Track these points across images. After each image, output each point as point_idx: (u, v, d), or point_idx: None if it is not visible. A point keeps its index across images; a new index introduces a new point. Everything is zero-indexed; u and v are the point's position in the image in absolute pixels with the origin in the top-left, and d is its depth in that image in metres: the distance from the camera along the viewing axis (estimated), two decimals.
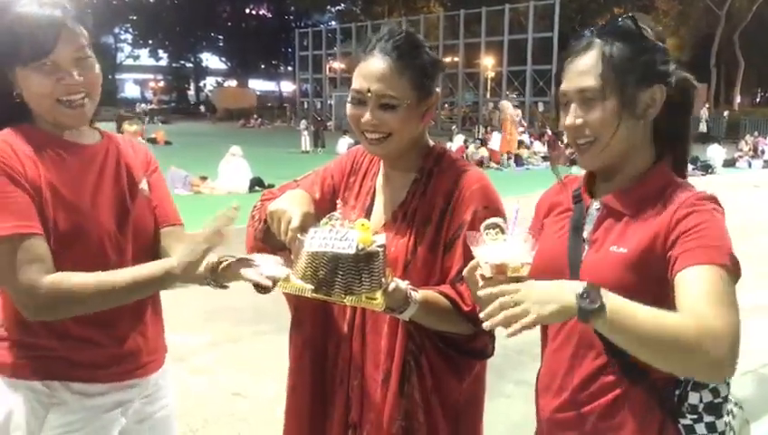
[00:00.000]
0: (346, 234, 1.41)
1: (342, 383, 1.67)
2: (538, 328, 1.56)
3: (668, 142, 1.46)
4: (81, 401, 1.59)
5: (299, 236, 1.48)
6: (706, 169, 16.72)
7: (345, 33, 41.92)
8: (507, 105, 19.74)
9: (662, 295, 1.27)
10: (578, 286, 1.18)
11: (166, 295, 1.77)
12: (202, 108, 56.79)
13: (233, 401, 3.99)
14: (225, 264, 1.62)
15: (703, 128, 28.67)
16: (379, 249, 1.42)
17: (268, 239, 1.68)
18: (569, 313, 1.17)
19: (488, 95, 36.86)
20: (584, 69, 1.39)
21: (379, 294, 1.41)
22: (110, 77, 58.14)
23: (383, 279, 1.42)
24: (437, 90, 1.67)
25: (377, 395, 1.63)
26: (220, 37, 63.48)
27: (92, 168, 1.61)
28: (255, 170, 12.89)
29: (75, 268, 1.50)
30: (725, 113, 33.92)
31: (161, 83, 65.28)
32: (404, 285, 1.47)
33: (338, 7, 57.18)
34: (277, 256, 1.60)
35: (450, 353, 1.64)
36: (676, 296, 1.24)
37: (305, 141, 22.79)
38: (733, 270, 1.25)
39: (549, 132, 22.07)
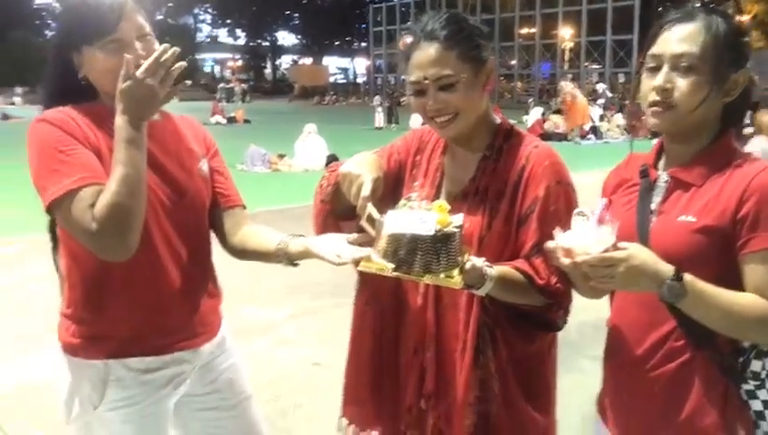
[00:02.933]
0: (424, 216, 1.47)
1: (417, 354, 1.73)
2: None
3: (732, 119, 1.50)
4: (136, 378, 1.70)
5: (378, 217, 1.54)
6: None
7: (419, 6, 41.52)
8: (564, 85, 19.40)
9: (728, 264, 1.37)
10: (666, 273, 1.30)
11: (249, 273, 1.87)
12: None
13: (314, 371, 4.16)
14: (296, 241, 1.71)
15: None
16: (456, 230, 1.47)
17: (336, 201, 1.73)
18: (652, 292, 1.33)
19: (566, 67, 35.93)
20: (686, 36, 1.43)
21: (456, 273, 1.46)
22: (189, 57, 59.95)
23: (460, 258, 1.47)
24: (491, 57, 1.69)
25: (453, 366, 1.68)
26: (296, 15, 64.11)
27: (152, 143, 1.63)
28: (330, 147, 13.04)
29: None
30: None
31: (239, 62, 66.60)
32: (480, 262, 1.52)
33: None
34: (343, 232, 1.66)
35: (524, 325, 1.69)
36: (746, 274, 1.36)
37: (379, 118, 22.90)
38: None
39: (628, 104, 21.41)
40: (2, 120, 25.33)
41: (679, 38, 1.43)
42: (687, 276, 1.31)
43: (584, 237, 1.32)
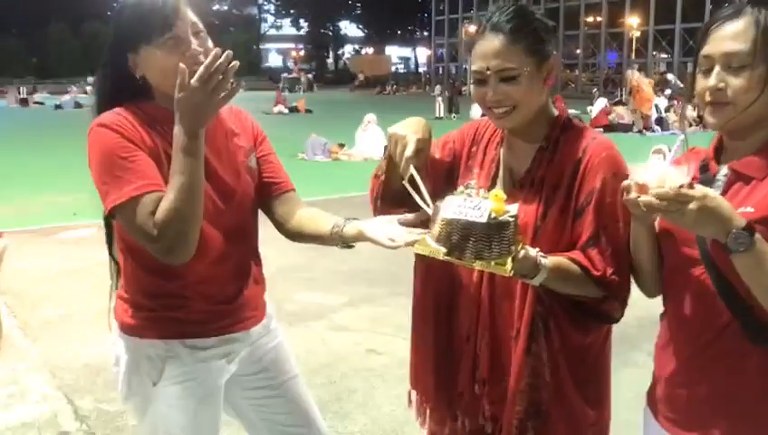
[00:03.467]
0: (479, 203, 1.48)
1: (469, 341, 1.76)
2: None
3: None
4: (192, 355, 1.78)
5: (419, 179, 1.59)
6: None
7: None
8: (630, 73, 18.92)
9: None
10: (738, 222, 1.28)
11: (306, 259, 1.93)
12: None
13: (368, 357, 4.21)
14: (350, 224, 1.75)
15: None
16: (511, 219, 1.48)
17: (390, 172, 1.75)
18: (718, 240, 1.31)
19: (633, 56, 35.01)
20: (734, 34, 1.40)
21: (507, 261, 1.47)
22: (254, 48, 60.98)
23: (513, 247, 1.48)
24: (554, 53, 1.69)
25: (507, 353, 1.70)
26: (358, 5, 64.45)
27: (205, 143, 1.64)
28: None
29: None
30: None
31: (302, 52, 67.36)
32: (534, 252, 1.52)
33: None
34: (395, 214, 1.69)
35: (579, 316, 1.69)
36: None
37: (439, 107, 22.86)
38: None
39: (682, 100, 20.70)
40: (75, 108, 26.33)
41: (728, 36, 1.41)
42: (758, 235, 1.29)
43: (660, 173, 1.31)
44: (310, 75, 49.68)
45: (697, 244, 1.43)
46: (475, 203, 1.48)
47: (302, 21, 64.71)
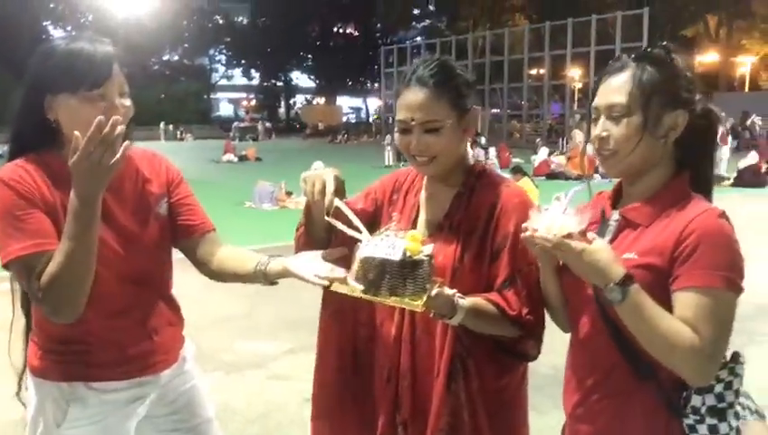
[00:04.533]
0: (395, 242, 1.56)
1: (390, 382, 1.78)
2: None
3: (691, 162, 1.57)
4: (98, 397, 1.79)
5: (345, 209, 1.64)
6: None
7: (430, 48, 42.04)
8: (576, 134, 19.60)
9: (666, 300, 1.42)
10: (615, 276, 1.38)
11: (246, 308, 1.97)
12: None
13: (306, 407, 4.11)
14: (275, 261, 1.78)
15: None
16: (425, 258, 1.55)
17: (309, 228, 1.81)
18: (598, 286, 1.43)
19: (575, 107, 36.18)
20: (616, 87, 1.52)
21: (422, 297, 1.53)
22: (205, 97, 60.94)
23: (428, 285, 1.54)
24: (474, 106, 1.78)
25: (428, 393, 1.73)
26: (309, 56, 65.15)
27: (107, 193, 1.64)
28: None
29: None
30: None
31: (253, 102, 67.57)
32: (450, 292, 1.59)
33: (423, 23, 57.75)
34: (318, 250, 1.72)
35: (498, 355, 1.75)
36: (675, 309, 1.41)
37: (388, 156, 23.11)
38: (731, 289, 1.41)
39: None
40: None
41: (611, 90, 1.53)
42: (635, 286, 1.38)
43: (551, 220, 1.42)
44: (268, 124, 49.84)
45: (592, 284, 1.50)
46: (390, 242, 1.55)
47: (253, 71, 65.09)
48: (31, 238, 1.62)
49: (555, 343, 1.72)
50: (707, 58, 39.96)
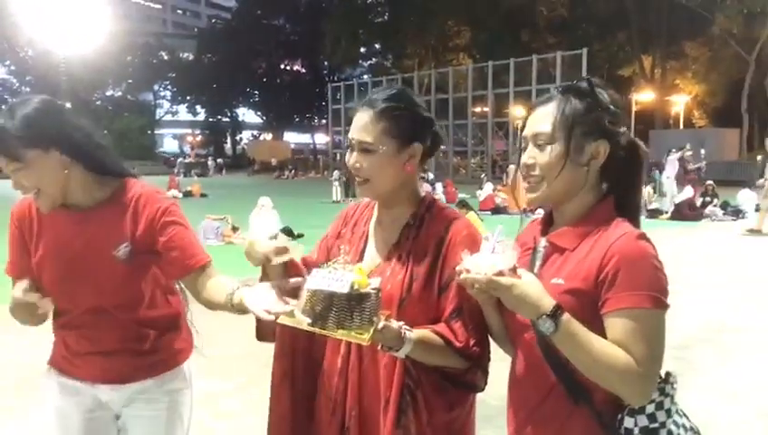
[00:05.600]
0: (342, 275, 1.57)
1: (335, 414, 1.80)
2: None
3: (617, 189, 1.64)
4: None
5: (305, 276, 1.66)
6: (737, 213, 16.54)
7: (377, 85, 42.18)
8: (511, 169, 20.09)
9: (595, 325, 1.47)
10: (545, 308, 1.42)
11: (197, 341, 2.05)
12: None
13: None
14: (237, 292, 1.83)
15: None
16: (372, 291, 1.56)
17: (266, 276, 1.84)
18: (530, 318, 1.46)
19: (518, 143, 36.84)
20: (541, 117, 1.60)
21: (370, 330, 1.54)
22: (149, 132, 60.04)
23: (375, 318, 1.56)
24: (420, 144, 1.81)
25: (377, 424, 1.74)
26: (256, 92, 65.03)
27: (80, 231, 2.01)
28: (287, 220, 13.11)
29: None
30: (759, 158, 33.46)
31: (199, 137, 66.92)
32: (397, 325, 1.62)
33: (369, 62, 58.41)
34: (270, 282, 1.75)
35: (446, 386, 1.76)
36: (607, 331, 1.47)
37: (336, 191, 23.17)
38: (657, 306, 1.46)
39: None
40: None
41: (537, 119, 1.61)
42: (565, 316, 1.42)
43: (480, 260, 1.46)
44: (219, 160, 49.49)
45: None
46: (338, 275, 1.57)
47: (198, 107, 64.58)
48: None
49: (503, 374, 1.76)
50: (643, 97, 41.57)
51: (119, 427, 2.16)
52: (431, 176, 27.62)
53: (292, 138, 70.60)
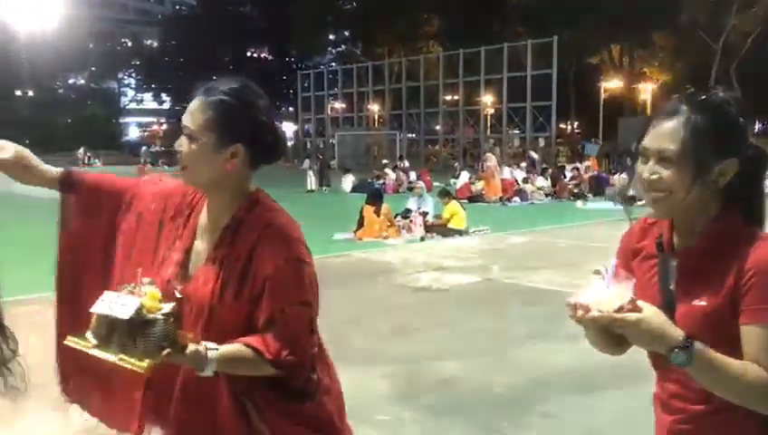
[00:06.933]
0: (128, 300, 1.52)
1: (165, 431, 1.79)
2: (560, 362, 1.59)
3: (740, 196, 1.55)
4: None
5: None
6: None
7: (346, 73, 42.49)
8: (491, 157, 20.28)
9: (732, 336, 1.43)
10: (675, 340, 1.36)
11: None
12: None
13: None
14: None
15: None
16: (160, 317, 1.52)
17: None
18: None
19: (489, 132, 37.19)
20: (668, 132, 1.49)
21: (152, 357, 1.50)
22: (113, 121, 59.14)
23: (165, 343, 1.51)
24: (244, 146, 1.69)
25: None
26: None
27: None
28: None
29: None
30: None
31: (164, 126, 65.99)
32: (196, 347, 1.57)
33: (338, 49, 58.12)
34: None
35: (279, 399, 1.71)
36: (743, 345, 1.43)
37: (310, 181, 22.97)
38: None
39: (551, 169, 22.31)
40: None
41: (663, 134, 1.50)
42: (698, 345, 1.36)
43: (599, 295, 1.39)
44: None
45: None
46: (125, 299, 1.53)
47: (164, 95, 63.65)
48: None
49: (508, 364, 1.63)
50: (612, 84, 42.00)
51: None
52: (407, 164, 27.65)
53: None
